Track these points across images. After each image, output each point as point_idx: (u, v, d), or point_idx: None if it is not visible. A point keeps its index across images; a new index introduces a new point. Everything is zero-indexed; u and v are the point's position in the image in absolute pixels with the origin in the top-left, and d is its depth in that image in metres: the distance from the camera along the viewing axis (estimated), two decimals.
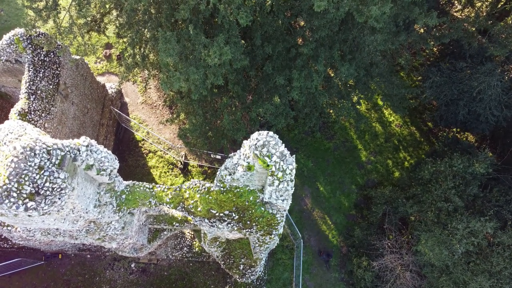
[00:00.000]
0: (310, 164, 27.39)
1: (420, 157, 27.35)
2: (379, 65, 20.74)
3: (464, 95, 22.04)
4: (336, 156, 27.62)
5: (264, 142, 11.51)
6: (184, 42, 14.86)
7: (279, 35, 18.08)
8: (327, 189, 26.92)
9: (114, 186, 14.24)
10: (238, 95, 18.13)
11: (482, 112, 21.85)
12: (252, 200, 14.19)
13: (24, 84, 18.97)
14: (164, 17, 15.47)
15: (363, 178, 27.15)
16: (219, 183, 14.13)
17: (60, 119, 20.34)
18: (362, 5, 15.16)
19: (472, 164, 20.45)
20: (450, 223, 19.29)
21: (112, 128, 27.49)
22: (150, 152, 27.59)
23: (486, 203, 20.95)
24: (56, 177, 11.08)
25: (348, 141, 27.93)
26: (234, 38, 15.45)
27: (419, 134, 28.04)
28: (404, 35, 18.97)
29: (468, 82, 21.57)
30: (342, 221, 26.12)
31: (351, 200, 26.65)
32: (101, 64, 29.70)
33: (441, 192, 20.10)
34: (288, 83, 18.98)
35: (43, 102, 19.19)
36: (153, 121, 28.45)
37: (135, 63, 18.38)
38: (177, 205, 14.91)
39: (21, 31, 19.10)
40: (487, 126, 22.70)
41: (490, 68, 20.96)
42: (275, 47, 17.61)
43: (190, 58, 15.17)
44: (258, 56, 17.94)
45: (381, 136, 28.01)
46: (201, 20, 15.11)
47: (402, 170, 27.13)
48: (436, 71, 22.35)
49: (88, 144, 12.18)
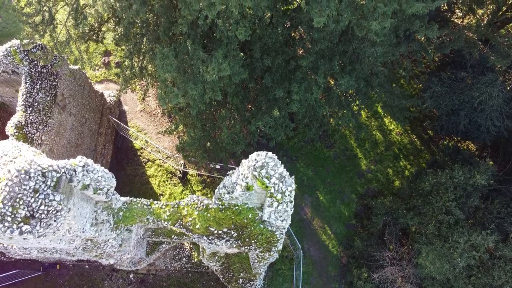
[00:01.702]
0: (310, 173, 27.20)
1: (420, 165, 27.17)
2: (379, 75, 20.56)
3: (465, 105, 21.86)
4: (336, 165, 27.44)
5: (263, 163, 11.33)
6: (182, 56, 14.67)
7: (278, 47, 17.90)
8: (327, 198, 26.73)
9: (111, 204, 14.06)
10: (237, 107, 17.94)
11: (483, 123, 21.67)
12: (251, 218, 14.00)
13: (21, 96, 18.78)
14: (162, 31, 15.28)
15: (363, 187, 26.97)
16: (217, 201, 13.95)
17: (58, 130, 20.14)
18: (362, 19, 14.98)
19: (473, 176, 20.27)
20: (451, 236, 19.12)
21: (110, 137, 27.30)
22: (149, 160, 27.40)
23: (488, 214, 20.78)
24: (51, 199, 10.89)
25: (348, 150, 27.74)
26: (233, 52, 15.27)
27: (420, 143, 27.85)
28: (404, 46, 18.80)
29: (469, 92, 21.40)
30: (342, 230, 25.94)
31: (351, 209, 26.46)
32: (99, 71, 29.50)
33: (442, 204, 19.92)
34: (288, 95, 18.80)
35: (40, 114, 18.99)
36: (152, 129, 28.26)
37: (133, 74, 18.20)
38: (175, 222, 14.72)
39: (18, 42, 18.90)
40: (488, 136, 22.52)
41: (491, 79, 20.79)
42: (275, 59, 17.43)
43: (189, 72, 14.99)
44: (257, 68, 17.76)
45: (381, 144, 27.83)
46: (199, 34, 14.92)
47: (402, 179, 26.95)
48: (436, 81, 22.17)
49: (84, 164, 11.99)
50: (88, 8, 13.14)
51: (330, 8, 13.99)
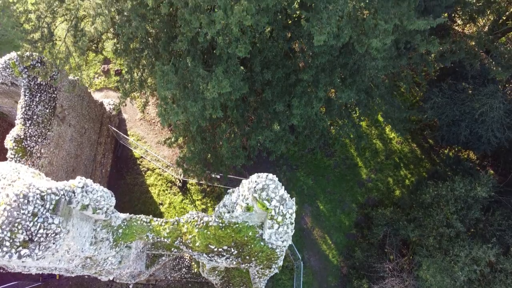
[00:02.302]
0: (310, 182, 27.12)
1: (421, 174, 27.09)
2: (380, 87, 20.48)
3: (466, 116, 21.78)
4: (336, 174, 27.36)
5: (264, 186, 11.24)
6: (182, 72, 14.59)
7: (278, 61, 17.81)
8: (327, 207, 26.66)
9: (111, 222, 13.98)
10: (237, 121, 17.86)
11: (484, 134, 21.60)
12: (251, 236, 13.93)
13: (20, 109, 18.69)
14: (161, 46, 15.20)
15: (363, 196, 26.89)
16: (217, 219, 13.87)
17: (57, 142, 20.05)
18: (363, 34, 14.90)
19: (474, 188, 20.19)
20: (452, 249, 19.04)
21: (110, 146, 27.22)
22: (149, 169, 27.31)
23: (488, 226, 20.71)
24: (50, 222, 10.82)
25: (349, 158, 27.66)
26: (233, 67, 15.19)
27: (420, 151, 27.77)
28: (405, 59, 18.72)
29: (470, 104, 21.32)
30: (343, 240, 25.86)
31: (352, 219, 26.39)
32: (99, 79, 29.40)
33: (443, 217, 19.85)
34: (288, 108, 18.72)
35: (39, 127, 18.91)
36: (151, 137, 28.17)
37: (133, 87, 18.11)
38: (174, 239, 14.65)
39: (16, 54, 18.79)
40: (489, 146, 22.45)
41: (492, 90, 20.71)
42: (275, 73, 17.34)
43: (189, 88, 14.90)
44: (258, 82, 17.67)
45: (381, 153, 27.74)
46: (199, 50, 14.83)
47: (402, 188, 26.87)
48: (437, 91, 22.08)
49: (83, 185, 11.91)
50: (87, 26, 13.04)
51: (330, 25, 13.91)
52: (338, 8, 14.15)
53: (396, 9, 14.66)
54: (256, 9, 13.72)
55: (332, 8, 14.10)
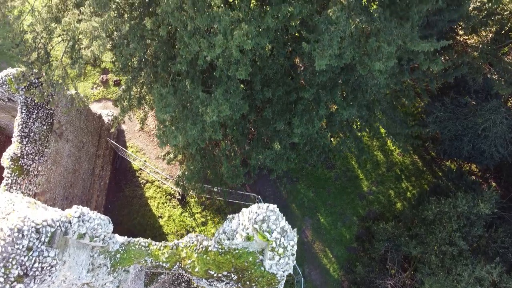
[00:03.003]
0: (310, 194, 26.87)
1: (422, 187, 26.84)
2: (381, 102, 20.23)
3: (468, 131, 21.53)
4: (337, 186, 27.10)
5: (264, 217, 10.99)
6: (181, 93, 14.33)
7: (279, 78, 17.55)
8: (328, 220, 26.41)
9: (108, 248, 13.72)
10: (237, 139, 17.60)
11: (487, 149, 21.35)
12: (252, 261, 13.68)
13: (17, 127, 18.41)
14: (160, 66, 14.94)
15: (364, 209, 26.64)
16: (217, 245, 13.62)
17: (54, 159, 19.78)
18: (366, 55, 14.64)
19: (477, 204, 19.95)
20: (455, 268, 18.80)
21: (108, 158, 26.95)
22: (148, 182, 27.05)
23: (491, 243, 20.48)
24: (45, 256, 10.56)
25: (350, 171, 27.40)
26: (233, 87, 14.93)
27: (422, 163, 27.51)
28: (407, 75, 18.47)
29: (473, 119, 21.08)
30: (344, 254, 25.62)
31: (353, 232, 26.14)
32: (97, 90, 29.14)
33: (446, 235, 19.60)
34: (289, 126, 18.46)
35: (36, 144, 18.64)
36: (150, 149, 27.91)
37: (131, 104, 17.85)
38: (173, 264, 14.39)
39: (14, 71, 18.53)
40: (492, 161, 22.21)
41: (495, 105, 20.47)
42: (275, 91, 17.08)
43: (188, 108, 14.65)
44: (258, 100, 17.41)
45: (382, 165, 27.49)
46: (198, 72, 14.57)
47: (404, 201, 26.62)
48: (439, 105, 21.83)
49: (80, 215, 11.66)
50: (84, 50, 12.78)
51: (332, 47, 13.65)
52: (340, 29, 13.90)
53: (399, 30, 14.40)
54: (256, 31, 13.47)
55: (334, 29, 13.84)
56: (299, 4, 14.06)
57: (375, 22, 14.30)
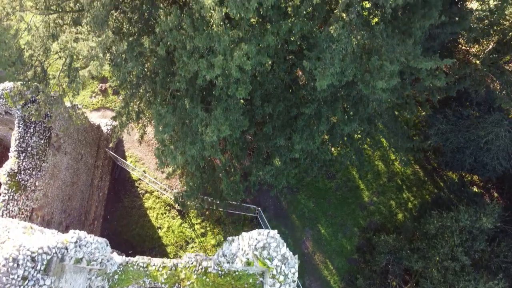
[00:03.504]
0: (311, 205, 26.65)
1: (424, 197, 26.62)
2: (383, 115, 20.02)
3: (470, 144, 21.31)
4: (338, 197, 26.88)
5: (265, 244, 10.78)
6: (180, 111, 14.10)
7: (279, 93, 17.33)
8: (329, 231, 26.19)
9: (106, 270, 13.51)
10: (236, 155, 17.38)
11: (489, 162, 21.13)
12: (252, 282, 13.47)
13: (14, 142, 18.19)
14: (159, 83, 14.72)
15: (365, 220, 26.42)
16: (216, 267, 13.41)
17: (52, 173, 19.55)
18: (368, 72, 14.41)
19: (479, 218, 19.73)
20: (457, 283, 18.58)
21: (107, 168, 26.73)
22: (147, 192, 26.82)
23: (494, 258, 20.26)
24: (41, 285, 10.34)
25: (350, 181, 27.18)
26: (233, 105, 14.71)
27: (423, 173, 27.29)
28: (409, 89, 18.26)
29: (475, 131, 20.86)
30: (344, 265, 25.40)
31: (353, 243, 25.92)
32: (96, 98, 28.92)
33: (448, 250, 19.38)
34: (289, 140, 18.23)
35: (33, 159, 18.41)
36: (149, 159, 27.67)
37: (130, 118, 17.63)
38: (172, 285, 14.18)
39: (10, 85, 18.32)
40: (494, 174, 22.00)
41: (498, 118, 20.25)
42: (276, 107, 16.86)
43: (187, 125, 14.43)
44: (258, 115, 17.19)
45: (383, 175, 27.26)
46: (197, 90, 14.35)
47: (405, 212, 26.41)
48: (441, 118, 21.61)
49: (76, 240, 11.44)
50: (81, 70, 12.55)
51: (334, 65, 13.44)
52: (342, 47, 13.69)
53: (401, 47, 14.19)
54: (256, 49, 13.25)
55: (336, 47, 13.63)
56: (300, 21, 13.84)
57: (377, 38, 14.09)
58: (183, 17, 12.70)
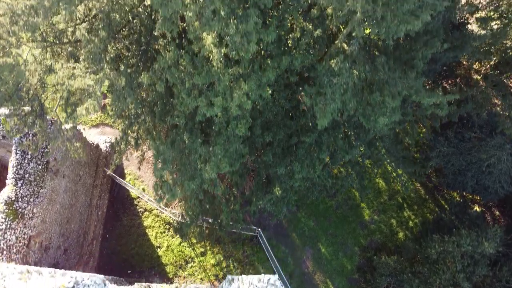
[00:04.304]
0: (311, 223, 26.48)
1: (425, 216, 26.44)
2: (384, 139, 19.86)
3: (472, 166, 21.14)
4: (338, 215, 26.71)
5: None
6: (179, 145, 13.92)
7: (279, 120, 17.14)
8: (329, 250, 26.02)
9: None
10: (236, 182, 17.20)
11: (491, 185, 20.97)
12: None
13: (11, 169, 17.99)
14: (158, 116, 14.53)
15: (366, 239, 26.25)
16: None
17: (50, 198, 19.35)
18: (369, 105, 14.24)
19: (481, 243, 19.57)
20: None
21: (106, 186, 26.53)
22: (146, 210, 26.64)
23: (496, 282, 20.10)
24: None
25: (351, 199, 26.99)
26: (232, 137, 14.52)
27: (424, 191, 27.09)
28: (411, 115, 18.10)
29: (477, 154, 20.68)
30: (345, 285, 25.23)
31: (354, 262, 25.75)
32: (95, 115, 28.72)
33: (450, 276, 19.22)
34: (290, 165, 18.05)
35: (31, 185, 18.22)
36: (149, 176, 27.48)
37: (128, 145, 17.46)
38: None
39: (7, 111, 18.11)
40: (496, 196, 21.84)
41: (500, 142, 20.08)
42: (276, 135, 16.67)
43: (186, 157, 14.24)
44: (258, 143, 17.00)
45: (384, 193, 27.07)
46: (197, 123, 14.16)
47: (406, 231, 26.24)
48: (443, 140, 21.43)
49: (74, 285, 11.25)
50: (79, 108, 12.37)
51: (335, 101, 13.26)
52: (343, 81, 13.51)
53: (403, 79, 14.00)
54: (256, 85, 13.07)
55: (337, 81, 13.45)
56: (300, 55, 13.66)
57: (379, 72, 13.90)
58: (182, 53, 12.52)
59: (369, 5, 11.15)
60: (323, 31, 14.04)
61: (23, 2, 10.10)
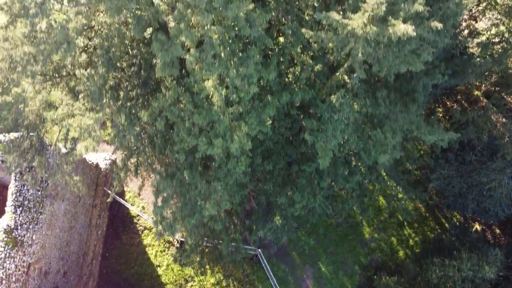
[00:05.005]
0: (311, 242, 26.42)
1: (425, 234, 26.38)
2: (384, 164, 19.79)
3: (473, 189, 21.12)
4: (339, 233, 26.66)
5: None
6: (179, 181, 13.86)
7: (280, 148, 17.10)
8: (329, 269, 25.97)
9: None
10: (236, 211, 17.15)
11: (492, 208, 20.95)
12: None
13: (10, 196, 17.91)
14: (158, 150, 14.48)
15: (366, 258, 26.20)
16: None
17: (50, 223, 19.30)
18: (370, 139, 14.20)
19: (481, 267, 19.56)
20: None
21: (106, 205, 26.43)
22: (146, 228, 26.56)
23: None
24: None
25: (351, 217, 26.93)
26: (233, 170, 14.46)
27: (424, 209, 27.04)
28: (411, 143, 18.06)
29: (477, 177, 20.66)
30: None
31: (354, 281, 25.70)
32: None
33: None
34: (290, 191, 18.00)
35: (30, 212, 18.14)
36: (148, 194, 27.38)
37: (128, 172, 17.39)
38: None
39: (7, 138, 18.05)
40: (497, 219, 21.83)
41: (501, 166, 20.05)
42: (276, 164, 16.63)
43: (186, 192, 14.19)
44: (258, 172, 16.96)
45: (384, 210, 27.03)
46: (197, 159, 14.10)
47: (407, 249, 26.19)
48: (443, 163, 21.41)
49: None
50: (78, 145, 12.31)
51: (336, 137, 13.21)
52: (344, 117, 13.47)
53: (404, 114, 13.96)
54: (257, 121, 13.03)
55: (338, 117, 13.40)
56: (301, 91, 13.62)
57: (380, 106, 13.85)
58: (182, 91, 12.47)
59: (370, 47, 11.09)
60: (323, 64, 14.01)
61: (22, 50, 10.03)
